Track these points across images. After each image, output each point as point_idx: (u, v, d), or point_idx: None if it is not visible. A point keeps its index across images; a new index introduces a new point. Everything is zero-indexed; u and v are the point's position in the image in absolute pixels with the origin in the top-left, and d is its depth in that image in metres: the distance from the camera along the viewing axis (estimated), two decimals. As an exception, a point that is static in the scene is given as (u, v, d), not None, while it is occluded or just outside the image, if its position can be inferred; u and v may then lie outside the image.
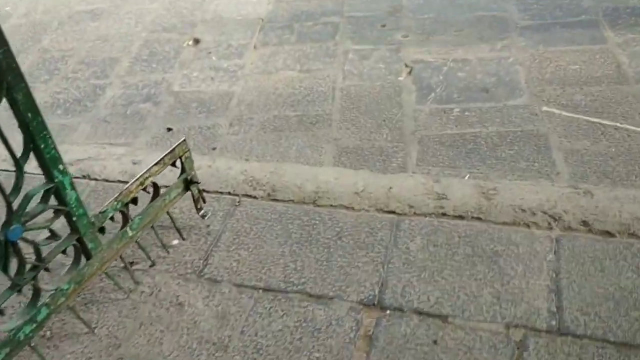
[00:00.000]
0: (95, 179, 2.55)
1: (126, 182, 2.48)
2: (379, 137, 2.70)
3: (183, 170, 2.10)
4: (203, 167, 2.55)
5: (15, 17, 4.15)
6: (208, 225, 2.24)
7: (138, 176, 1.93)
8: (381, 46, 3.34)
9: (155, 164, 1.96)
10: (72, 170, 2.60)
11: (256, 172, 2.50)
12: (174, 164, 2.06)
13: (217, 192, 2.41)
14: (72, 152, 2.75)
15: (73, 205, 1.71)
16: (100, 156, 2.71)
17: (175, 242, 2.19)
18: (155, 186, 2.02)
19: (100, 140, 2.91)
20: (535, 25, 3.34)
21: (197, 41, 3.62)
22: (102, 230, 1.86)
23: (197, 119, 2.98)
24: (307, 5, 3.86)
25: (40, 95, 3.30)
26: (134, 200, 1.94)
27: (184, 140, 2.06)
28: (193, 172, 2.13)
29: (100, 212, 1.82)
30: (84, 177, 2.57)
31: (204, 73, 3.32)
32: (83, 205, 1.74)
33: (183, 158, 2.07)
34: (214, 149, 2.75)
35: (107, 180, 2.54)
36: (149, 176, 1.95)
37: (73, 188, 1.69)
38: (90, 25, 3.93)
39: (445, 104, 2.85)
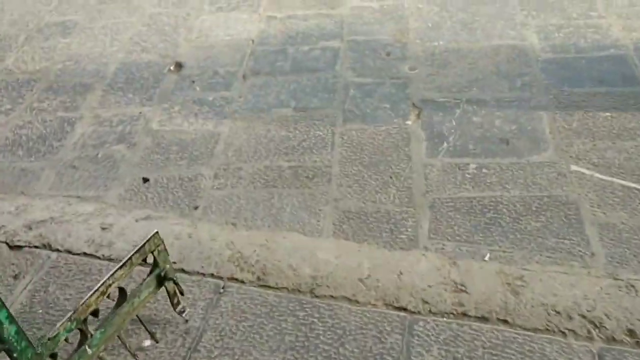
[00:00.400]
0: (57, 250, 2.20)
1: (92, 256, 2.18)
2: (385, 198, 2.36)
3: (155, 265, 1.76)
4: (183, 236, 2.21)
5: (-23, 29, 3.73)
6: (187, 321, 1.90)
7: (99, 284, 1.58)
8: (386, 80, 2.98)
9: (121, 266, 1.62)
10: (30, 236, 2.26)
11: (244, 246, 2.16)
12: (145, 260, 1.71)
13: (198, 273, 2.07)
14: (32, 210, 2.40)
15: (13, 341, 1.37)
16: (65, 216, 2.35)
17: (147, 343, 1.85)
18: (122, 291, 1.67)
19: (66, 191, 2.54)
20: (558, 59, 2.98)
21: (179, 66, 3.23)
22: (53, 356, 1.51)
23: (178, 167, 2.62)
24: (302, 25, 3.47)
25: (0, 130, 2.92)
26: (95, 313, 1.60)
27: (156, 233, 1.71)
28: (167, 266, 1.78)
29: (49, 338, 1.47)
30: (43, 246, 2.22)
31: (187, 108, 2.94)
32: (25, 337, 1.40)
33: (155, 253, 1.72)
34: (195, 208, 2.40)
35: (70, 252, 2.19)
36: (113, 282, 1.61)
37: (12, 321, 1.35)
38: (61, 42, 3.52)
39: (459, 158, 2.51)
